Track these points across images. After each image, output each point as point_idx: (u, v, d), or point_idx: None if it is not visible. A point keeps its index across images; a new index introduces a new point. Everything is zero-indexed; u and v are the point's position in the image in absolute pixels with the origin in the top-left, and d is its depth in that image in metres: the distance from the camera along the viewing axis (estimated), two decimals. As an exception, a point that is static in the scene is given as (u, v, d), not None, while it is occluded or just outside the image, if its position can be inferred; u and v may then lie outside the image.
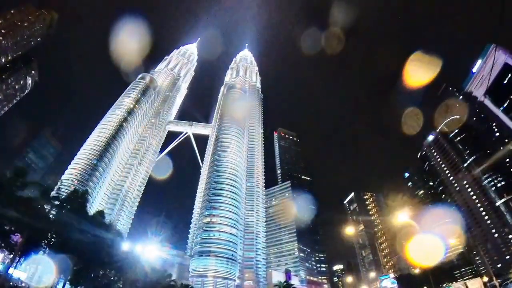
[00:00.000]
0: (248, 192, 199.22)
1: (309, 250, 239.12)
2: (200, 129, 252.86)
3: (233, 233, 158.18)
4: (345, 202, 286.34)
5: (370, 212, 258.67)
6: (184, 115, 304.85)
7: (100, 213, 63.36)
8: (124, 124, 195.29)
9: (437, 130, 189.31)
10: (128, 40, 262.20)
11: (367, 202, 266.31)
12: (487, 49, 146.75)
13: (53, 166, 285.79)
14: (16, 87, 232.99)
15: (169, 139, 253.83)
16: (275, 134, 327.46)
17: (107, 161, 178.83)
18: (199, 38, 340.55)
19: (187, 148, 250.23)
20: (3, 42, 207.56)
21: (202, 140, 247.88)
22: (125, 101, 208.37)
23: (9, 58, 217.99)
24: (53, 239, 50.56)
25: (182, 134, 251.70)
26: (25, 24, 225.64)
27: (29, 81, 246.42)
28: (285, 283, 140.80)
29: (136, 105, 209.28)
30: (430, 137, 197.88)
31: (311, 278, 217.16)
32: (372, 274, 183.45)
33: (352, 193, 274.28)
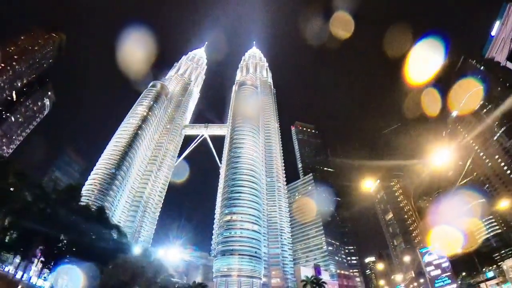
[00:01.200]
0: (269, 187, 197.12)
1: (337, 243, 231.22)
2: (215, 130, 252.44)
3: (255, 230, 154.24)
4: (371, 190, 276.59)
5: (399, 199, 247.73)
6: (199, 118, 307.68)
7: (100, 210, 61.72)
8: (139, 132, 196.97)
9: (461, 105, 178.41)
10: (137, 51, 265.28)
11: (394, 189, 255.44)
12: (504, 9, 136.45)
13: (79, 181, 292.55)
14: (35, 108, 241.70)
15: (187, 142, 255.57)
16: (293, 128, 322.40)
17: (126, 170, 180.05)
18: (206, 42, 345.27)
19: (205, 149, 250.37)
20: (17, 67, 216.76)
21: (219, 140, 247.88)
22: (138, 109, 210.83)
23: (25, 82, 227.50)
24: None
25: (199, 137, 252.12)
26: (36, 48, 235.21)
27: (47, 102, 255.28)
28: (312, 278, 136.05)
29: (150, 113, 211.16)
30: (454, 113, 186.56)
31: (342, 271, 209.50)
32: (406, 258, 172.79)
33: (378, 181, 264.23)
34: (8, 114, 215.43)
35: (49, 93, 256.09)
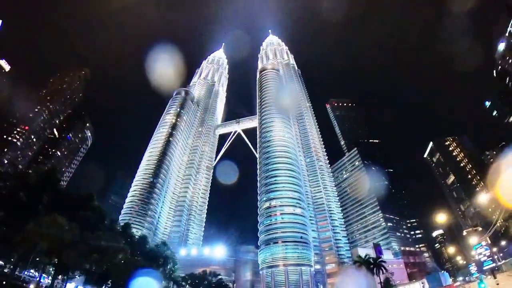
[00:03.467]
0: (310, 168, 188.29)
1: (397, 218, 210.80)
2: (247, 123, 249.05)
3: (297, 213, 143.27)
4: (425, 155, 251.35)
5: (458, 158, 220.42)
6: (232, 115, 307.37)
7: (90, 196, 57.58)
8: (171, 139, 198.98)
9: (507, 34, 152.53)
10: (160, 65, 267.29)
11: (450, 148, 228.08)
12: None
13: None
14: (77, 141, 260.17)
15: (224, 141, 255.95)
16: (328, 106, 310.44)
17: (163, 177, 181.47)
18: (223, 43, 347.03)
19: (242, 145, 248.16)
20: (51, 107, 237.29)
21: (254, 132, 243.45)
22: (167, 118, 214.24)
23: (62, 118, 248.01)
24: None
25: (232, 134, 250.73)
26: (65, 86, 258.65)
27: (88, 133, 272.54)
28: (367, 257, 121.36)
29: (178, 119, 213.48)
30: (501, 45, 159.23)
31: (407, 248, 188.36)
32: (483, 198, 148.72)
33: (431, 143, 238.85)
34: (53, 150, 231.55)
35: (87, 124, 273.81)
